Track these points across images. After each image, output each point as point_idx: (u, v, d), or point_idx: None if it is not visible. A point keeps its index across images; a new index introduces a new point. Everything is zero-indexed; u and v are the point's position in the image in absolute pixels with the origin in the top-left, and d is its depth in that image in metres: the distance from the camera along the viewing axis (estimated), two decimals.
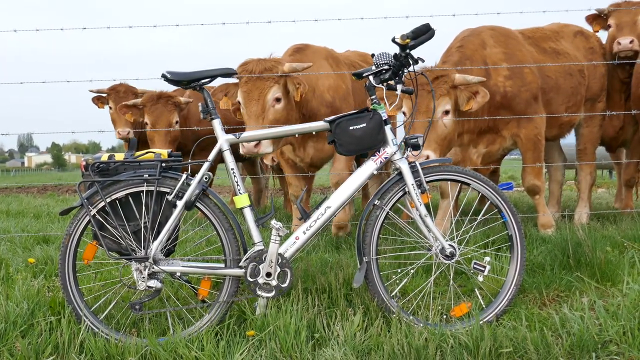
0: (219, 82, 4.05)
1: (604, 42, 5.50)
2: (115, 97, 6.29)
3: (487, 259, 2.88)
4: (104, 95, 6.42)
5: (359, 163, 5.54)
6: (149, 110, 5.78)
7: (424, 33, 2.73)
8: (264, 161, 6.32)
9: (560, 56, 5.00)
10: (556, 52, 5.02)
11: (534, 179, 4.70)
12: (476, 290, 3.00)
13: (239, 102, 4.13)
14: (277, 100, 4.10)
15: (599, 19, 5.43)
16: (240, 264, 2.72)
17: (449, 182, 4.47)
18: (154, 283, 2.68)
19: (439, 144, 4.06)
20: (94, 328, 2.66)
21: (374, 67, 2.78)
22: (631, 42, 5.04)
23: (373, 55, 2.80)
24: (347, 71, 4.89)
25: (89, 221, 2.71)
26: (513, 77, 4.50)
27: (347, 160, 4.71)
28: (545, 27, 5.36)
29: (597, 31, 5.51)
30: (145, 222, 2.71)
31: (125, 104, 5.94)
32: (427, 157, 3.85)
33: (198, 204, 2.74)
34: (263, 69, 4.07)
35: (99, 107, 6.41)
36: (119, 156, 2.77)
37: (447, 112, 4.06)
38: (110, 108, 6.31)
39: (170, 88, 5.85)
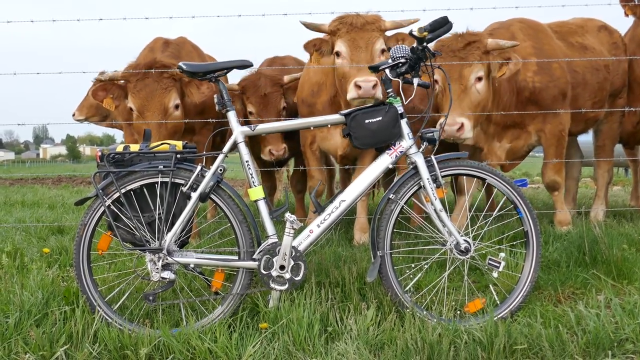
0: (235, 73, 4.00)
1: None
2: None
3: (502, 254, 2.85)
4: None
5: None
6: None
7: (441, 26, 2.69)
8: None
9: (587, 51, 4.91)
10: (583, 47, 4.93)
11: (554, 174, 4.63)
12: (490, 286, 2.97)
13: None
14: (479, 79, 3.99)
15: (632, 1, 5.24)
16: (254, 257, 2.72)
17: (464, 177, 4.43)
18: (167, 274, 2.68)
19: (473, 111, 3.95)
20: (108, 318, 2.68)
21: (390, 60, 2.76)
22: None
23: (389, 48, 2.78)
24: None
25: (104, 212, 2.72)
26: (541, 72, 4.43)
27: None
28: (571, 22, 5.27)
29: (628, 16, 5.35)
30: (159, 214, 2.72)
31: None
32: (462, 125, 3.79)
33: (212, 196, 2.74)
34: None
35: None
36: (134, 147, 2.77)
37: (479, 79, 3.95)
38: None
39: None
